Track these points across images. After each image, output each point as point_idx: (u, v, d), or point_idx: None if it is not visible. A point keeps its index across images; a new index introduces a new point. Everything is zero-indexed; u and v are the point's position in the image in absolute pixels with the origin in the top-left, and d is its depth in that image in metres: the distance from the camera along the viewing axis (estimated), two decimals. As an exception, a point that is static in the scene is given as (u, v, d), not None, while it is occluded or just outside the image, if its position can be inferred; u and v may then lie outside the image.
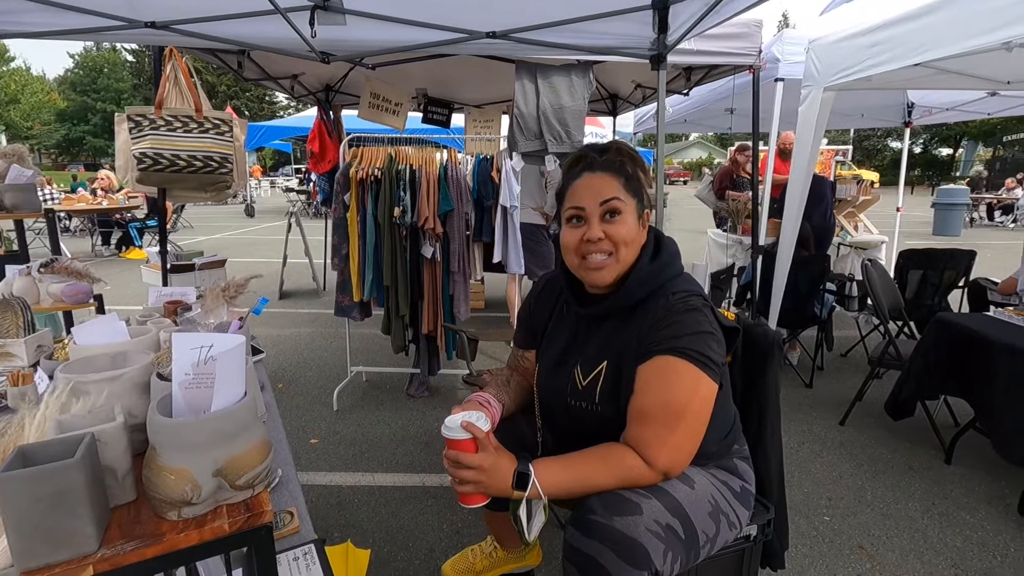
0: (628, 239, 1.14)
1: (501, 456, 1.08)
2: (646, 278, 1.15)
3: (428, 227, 2.76)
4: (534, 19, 2.29)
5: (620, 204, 1.14)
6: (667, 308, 1.10)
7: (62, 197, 8.71)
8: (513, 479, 1.05)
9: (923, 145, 32.95)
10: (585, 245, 1.15)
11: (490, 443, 1.09)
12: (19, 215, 2.48)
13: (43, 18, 2.19)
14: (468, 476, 1.05)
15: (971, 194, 12.81)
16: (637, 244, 1.17)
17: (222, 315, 1.33)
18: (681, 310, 1.09)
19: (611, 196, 1.14)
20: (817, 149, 3.06)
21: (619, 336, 1.16)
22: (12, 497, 0.56)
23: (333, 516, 2.09)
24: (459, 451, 1.06)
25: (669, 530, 1.02)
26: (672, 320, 1.08)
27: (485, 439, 1.07)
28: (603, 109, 5.23)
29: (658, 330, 1.08)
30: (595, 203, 1.14)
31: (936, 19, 2.16)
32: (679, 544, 1.03)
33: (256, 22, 2.23)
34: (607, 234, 1.13)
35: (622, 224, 1.14)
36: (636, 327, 1.13)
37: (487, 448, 1.07)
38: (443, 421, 1.10)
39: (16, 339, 1.80)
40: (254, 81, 3.73)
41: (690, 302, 1.10)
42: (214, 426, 0.67)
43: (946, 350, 2.40)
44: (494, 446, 1.09)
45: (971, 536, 1.99)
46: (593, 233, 1.13)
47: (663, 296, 1.12)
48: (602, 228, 1.14)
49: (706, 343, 1.07)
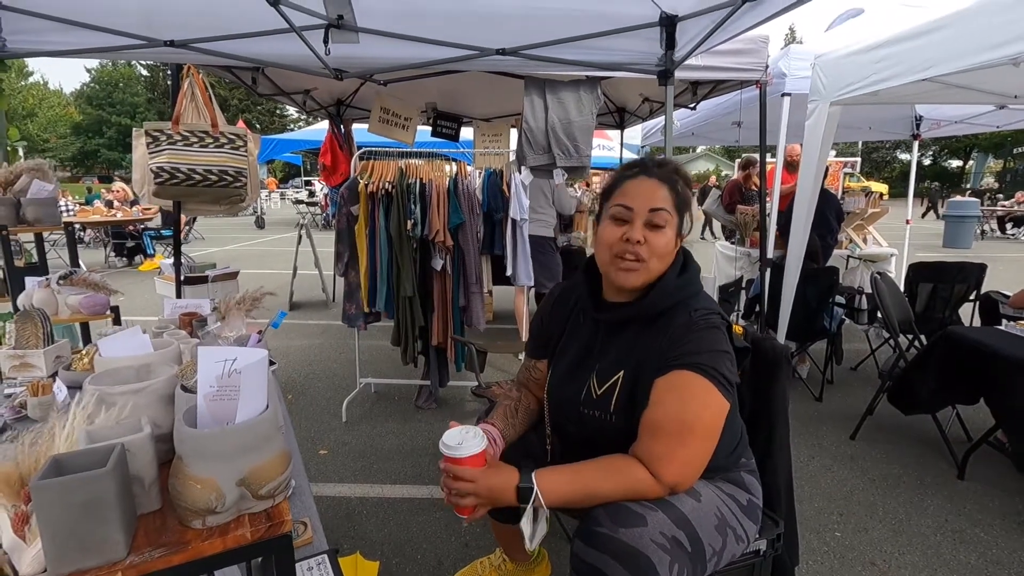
0: (663, 253, 1.15)
1: (502, 471, 1.09)
2: (673, 290, 1.17)
3: (439, 240, 2.79)
4: (543, 36, 2.34)
5: (666, 217, 1.15)
6: (688, 324, 1.11)
7: (77, 209, 8.86)
8: (517, 493, 1.06)
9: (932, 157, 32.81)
10: (623, 244, 1.15)
11: (489, 461, 1.10)
12: (40, 228, 2.53)
13: (66, 37, 2.27)
14: (467, 489, 1.06)
15: (981, 207, 12.70)
16: (668, 259, 1.18)
17: (240, 328, 1.35)
18: (702, 327, 1.11)
19: (661, 206, 1.15)
20: (824, 163, 3.07)
21: (639, 345, 1.17)
22: (47, 504, 0.58)
23: (342, 527, 2.10)
24: (458, 467, 1.07)
25: (675, 543, 1.02)
26: (692, 336, 1.10)
27: (483, 456, 1.09)
28: (611, 122, 5.28)
29: (679, 345, 1.10)
30: (644, 207, 1.15)
31: (943, 35, 2.18)
32: (685, 557, 1.03)
33: (272, 40, 2.30)
34: (647, 240, 1.14)
35: (662, 236, 1.15)
36: (657, 338, 1.14)
37: (486, 465, 1.09)
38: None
39: (36, 350, 1.84)
40: (268, 96, 3.81)
41: (711, 320, 1.12)
42: (239, 437, 0.69)
43: (957, 366, 2.38)
44: (492, 464, 1.11)
45: (986, 554, 1.96)
46: (635, 234, 1.13)
47: (685, 311, 1.14)
48: (644, 233, 1.14)
49: (722, 362, 1.08)
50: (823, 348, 3.59)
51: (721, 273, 4.92)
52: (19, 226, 2.44)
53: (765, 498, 1.34)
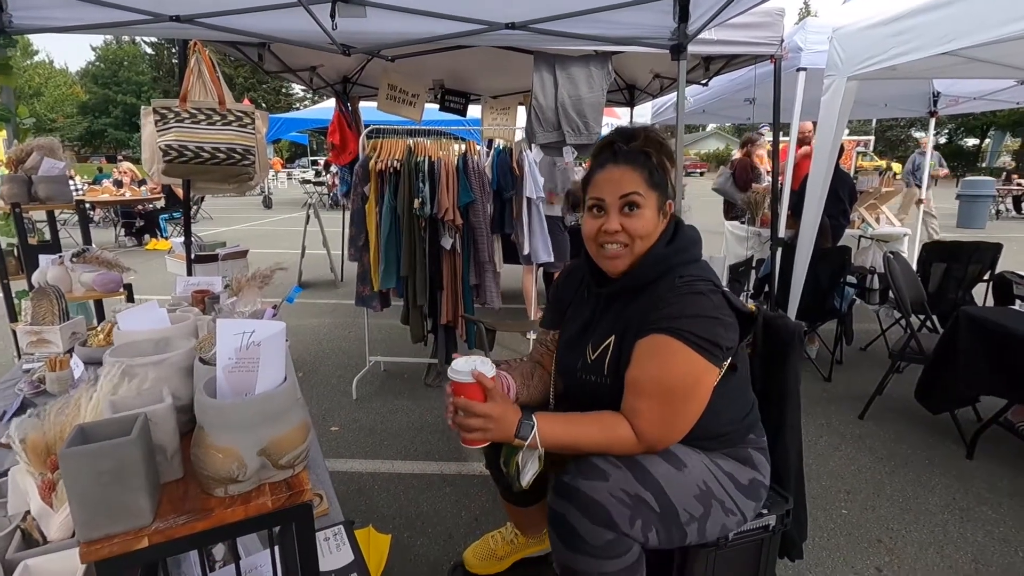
0: (644, 233, 1.18)
1: (507, 405, 1.12)
2: (657, 260, 1.19)
3: (448, 218, 2.78)
4: (553, 9, 2.28)
5: (639, 199, 1.17)
6: (670, 288, 1.14)
7: (86, 188, 8.90)
8: (517, 428, 1.09)
9: (948, 135, 32.11)
10: (602, 235, 1.19)
11: (497, 391, 1.12)
12: (52, 206, 2.55)
13: (71, 13, 2.25)
14: (476, 424, 1.08)
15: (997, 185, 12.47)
16: (654, 236, 1.21)
17: (255, 303, 1.37)
18: (684, 292, 1.12)
19: (631, 191, 1.17)
20: (840, 140, 3.02)
21: (626, 312, 1.21)
22: (76, 472, 0.59)
23: (353, 502, 2.14)
24: (468, 397, 1.09)
25: (639, 500, 1.07)
26: (673, 300, 1.12)
27: (493, 386, 1.10)
28: (620, 100, 5.20)
29: (659, 309, 1.12)
30: (615, 196, 1.18)
31: (964, 7, 2.11)
32: (652, 515, 1.08)
33: (279, 15, 2.26)
34: (624, 227, 1.17)
35: (639, 218, 1.17)
36: (642, 305, 1.17)
37: (494, 396, 1.10)
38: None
39: (52, 326, 1.87)
40: (274, 73, 3.77)
41: (695, 286, 1.13)
42: (259, 407, 0.70)
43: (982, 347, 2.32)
44: (500, 394, 1.13)
45: (992, 531, 1.97)
46: (611, 225, 1.17)
47: (670, 278, 1.16)
48: (620, 220, 1.18)
49: (706, 327, 1.09)
50: (833, 328, 3.58)
51: (731, 253, 4.88)
52: (31, 203, 2.45)
53: (775, 475, 1.35)
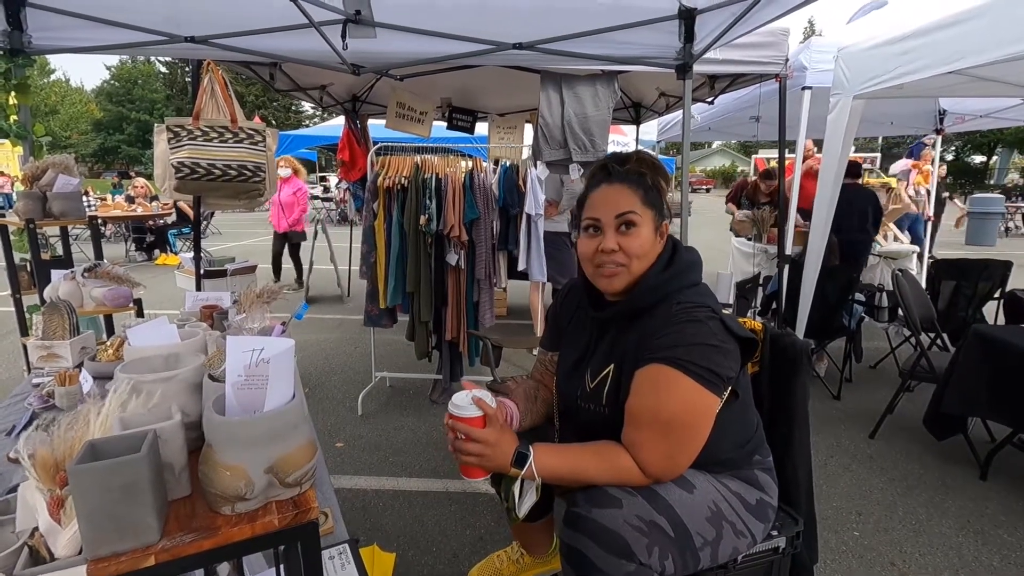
0: (641, 252, 1.17)
1: (505, 433, 1.11)
2: (654, 285, 1.17)
3: (454, 235, 2.80)
4: (560, 30, 2.32)
5: (636, 217, 1.16)
6: (667, 317, 1.11)
7: (98, 204, 9.03)
8: (513, 457, 1.08)
9: (955, 152, 32.06)
10: (599, 255, 1.18)
11: (497, 419, 1.11)
12: (66, 222, 2.58)
13: (89, 34, 2.31)
14: (473, 449, 1.08)
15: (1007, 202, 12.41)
16: (652, 255, 1.19)
17: (264, 319, 1.38)
18: (682, 320, 1.10)
19: (627, 209, 1.16)
20: (846, 158, 3.02)
21: (624, 339, 1.19)
22: (85, 488, 0.60)
23: (358, 519, 2.12)
24: (468, 426, 1.09)
25: (654, 526, 1.05)
26: (671, 330, 1.09)
27: (493, 415, 1.10)
28: (626, 117, 5.23)
29: (656, 338, 1.10)
30: (611, 215, 1.17)
31: (971, 27, 2.13)
32: (668, 542, 1.06)
33: (290, 36, 2.32)
34: (621, 246, 1.16)
35: (636, 237, 1.16)
36: (639, 333, 1.15)
37: (494, 424, 1.10)
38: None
39: (63, 341, 1.88)
40: (285, 92, 3.84)
41: (694, 313, 1.10)
42: (267, 425, 0.70)
43: (990, 366, 2.30)
44: (500, 424, 1.12)
45: (1009, 556, 1.93)
46: (607, 244, 1.16)
47: (668, 304, 1.14)
48: (617, 240, 1.16)
49: (705, 355, 1.07)
50: (841, 346, 3.55)
51: (738, 270, 4.86)
52: (45, 219, 2.49)
53: (784, 495, 1.33)
